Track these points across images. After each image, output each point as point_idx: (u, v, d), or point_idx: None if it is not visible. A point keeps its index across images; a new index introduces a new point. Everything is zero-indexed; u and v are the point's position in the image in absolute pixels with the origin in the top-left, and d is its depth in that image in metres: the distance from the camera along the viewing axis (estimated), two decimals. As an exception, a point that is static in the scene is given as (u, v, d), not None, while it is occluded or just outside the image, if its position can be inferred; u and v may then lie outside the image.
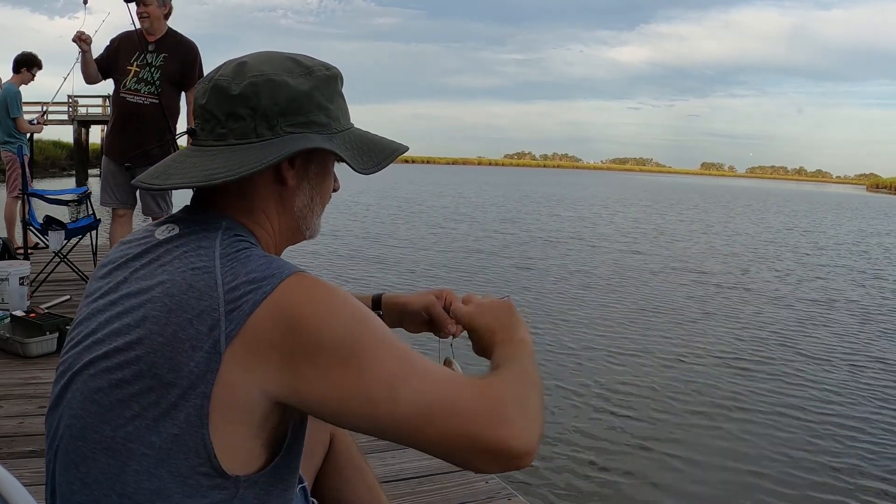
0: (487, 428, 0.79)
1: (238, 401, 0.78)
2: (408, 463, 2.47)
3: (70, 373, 0.86)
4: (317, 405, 0.80)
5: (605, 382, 5.21)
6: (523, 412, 0.82)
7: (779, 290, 9.58)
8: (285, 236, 0.96)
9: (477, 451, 0.79)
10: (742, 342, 6.63)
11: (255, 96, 0.87)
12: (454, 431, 0.79)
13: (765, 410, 4.79)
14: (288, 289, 0.80)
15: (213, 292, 0.79)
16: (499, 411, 0.80)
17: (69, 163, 30.75)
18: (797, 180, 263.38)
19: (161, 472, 0.78)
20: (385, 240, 12.73)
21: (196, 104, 0.93)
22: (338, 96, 0.95)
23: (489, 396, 0.82)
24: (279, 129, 0.88)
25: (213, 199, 0.93)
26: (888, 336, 7.22)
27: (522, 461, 0.81)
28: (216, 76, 0.90)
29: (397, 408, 0.79)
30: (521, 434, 0.80)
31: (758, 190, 70.16)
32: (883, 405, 5.03)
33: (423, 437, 0.80)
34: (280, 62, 0.91)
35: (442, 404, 0.80)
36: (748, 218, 24.35)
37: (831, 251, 14.87)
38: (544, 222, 18.04)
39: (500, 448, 0.79)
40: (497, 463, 0.80)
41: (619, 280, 9.69)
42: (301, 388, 0.79)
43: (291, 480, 0.90)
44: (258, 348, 0.78)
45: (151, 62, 4.04)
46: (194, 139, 0.92)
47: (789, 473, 3.85)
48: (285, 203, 0.94)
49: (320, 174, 0.96)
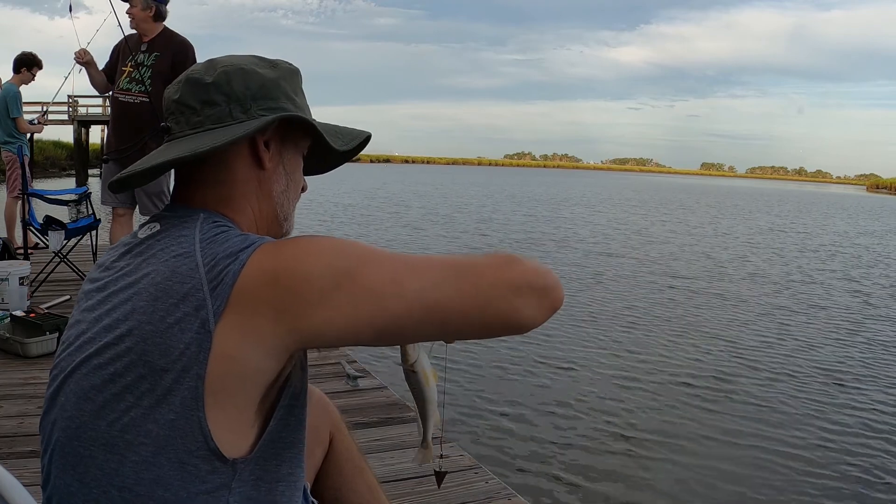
0: (499, 268, 0.81)
1: (239, 372, 0.79)
2: (408, 463, 2.47)
3: (63, 375, 0.86)
4: (327, 332, 0.80)
5: (604, 383, 5.21)
6: (528, 258, 0.84)
7: (743, 294, 9.56)
8: (266, 224, 0.98)
9: (500, 294, 0.79)
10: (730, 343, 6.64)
11: (228, 83, 0.92)
12: (469, 286, 0.80)
13: (767, 408, 4.80)
14: (263, 251, 0.81)
15: (195, 273, 0.80)
16: (503, 256, 0.83)
17: (69, 163, 30.74)
18: (797, 181, 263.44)
19: (160, 461, 0.79)
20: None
21: (168, 101, 0.95)
22: (300, 91, 1.00)
23: (489, 253, 0.85)
24: (253, 112, 0.92)
25: (194, 193, 0.94)
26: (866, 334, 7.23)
27: (553, 293, 0.82)
28: (188, 73, 0.95)
29: (406, 294, 0.79)
30: (534, 267, 0.82)
31: (755, 190, 69.97)
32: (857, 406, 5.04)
33: (444, 307, 0.80)
34: (247, 57, 0.97)
35: (448, 269, 0.81)
36: (733, 219, 23.97)
37: (809, 253, 14.62)
38: (521, 223, 17.58)
39: (520, 281, 0.80)
40: (527, 297, 0.80)
41: (582, 283, 9.34)
42: (303, 326, 0.79)
43: (284, 457, 0.88)
44: (251, 312, 0.78)
45: (143, 62, 4.10)
46: (168, 136, 0.95)
47: (790, 474, 3.86)
48: (264, 188, 0.96)
49: (293, 162, 0.99)
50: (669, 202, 33.81)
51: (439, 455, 1.09)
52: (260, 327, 0.78)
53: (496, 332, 0.83)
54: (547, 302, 0.82)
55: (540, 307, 0.82)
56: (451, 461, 2.53)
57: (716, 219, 23.62)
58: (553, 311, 0.83)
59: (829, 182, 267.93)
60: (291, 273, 0.79)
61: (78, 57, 4.17)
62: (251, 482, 0.83)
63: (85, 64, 4.19)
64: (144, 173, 0.92)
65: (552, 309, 0.83)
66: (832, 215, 29.80)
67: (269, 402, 0.84)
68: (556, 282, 0.83)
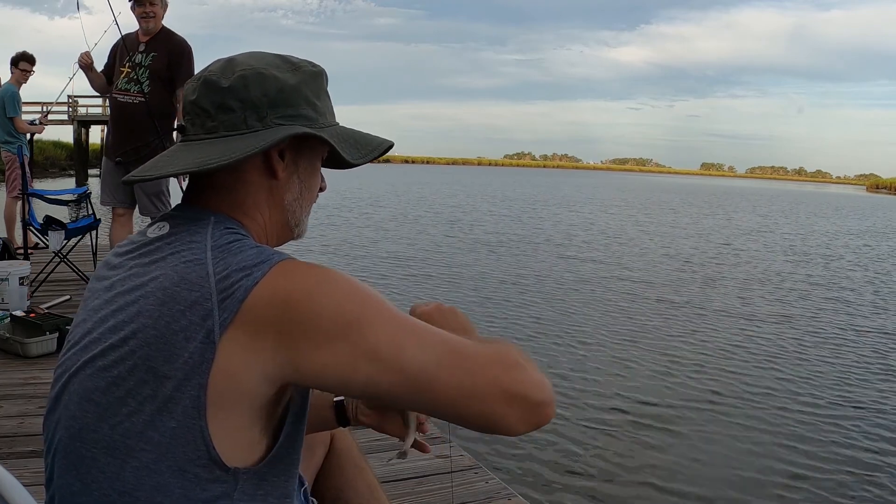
0: (501, 370, 0.78)
1: (238, 389, 0.78)
2: (408, 463, 2.47)
3: (67, 374, 0.86)
4: (321, 377, 0.79)
5: (604, 383, 5.21)
6: (531, 362, 0.82)
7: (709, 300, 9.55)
8: (276, 231, 0.97)
9: (493, 395, 0.77)
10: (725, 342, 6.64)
11: (245, 88, 0.89)
12: (468, 378, 0.77)
13: (766, 409, 4.80)
14: (279, 271, 0.80)
15: (205, 283, 0.79)
16: (509, 357, 0.80)
17: (69, 163, 30.74)
18: (797, 181, 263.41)
19: (161, 468, 0.78)
20: (308, 243, 11.01)
21: (186, 101, 0.94)
22: (324, 94, 0.96)
23: (495, 346, 0.82)
24: (268, 121, 0.90)
25: (204, 196, 0.93)
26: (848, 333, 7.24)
27: (544, 410, 0.79)
28: (205, 73, 0.92)
29: (405, 366, 0.77)
30: (535, 379, 0.79)
31: (752, 190, 69.69)
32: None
33: (436, 391, 0.78)
34: (268, 58, 0.93)
35: (451, 353, 0.79)
36: (717, 219, 23.49)
37: (786, 255, 14.31)
38: (494, 224, 16.93)
39: (517, 390, 0.78)
40: (517, 408, 0.78)
41: (540, 285, 9.16)
42: (302, 363, 0.78)
43: (291, 472, 0.89)
44: (255, 332, 0.77)
45: (141, 62, 4.12)
46: (184, 136, 0.93)
47: (791, 475, 3.86)
48: (275, 196, 0.94)
49: (309, 169, 0.97)
50: (660, 202, 33.64)
51: (411, 445, 1.10)
52: (261, 350, 0.77)
53: (471, 426, 0.81)
54: (534, 419, 0.79)
55: (526, 421, 0.79)
56: (451, 461, 2.53)
57: (697, 219, 23.29)
58: (537, 428, 0.81)
59: (829, 182, 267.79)
60: (302, 306, 0.78)
61: (81, 61, 4.19)
62: (253, 493, 0.83)
63: (85, 67, 4.21)
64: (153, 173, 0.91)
65: (536, 426, 0.81)
66: (820, 215, 29.58)
67: (274, 417, 0.84)
68: (551, 399, 0.80)
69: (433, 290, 8.41)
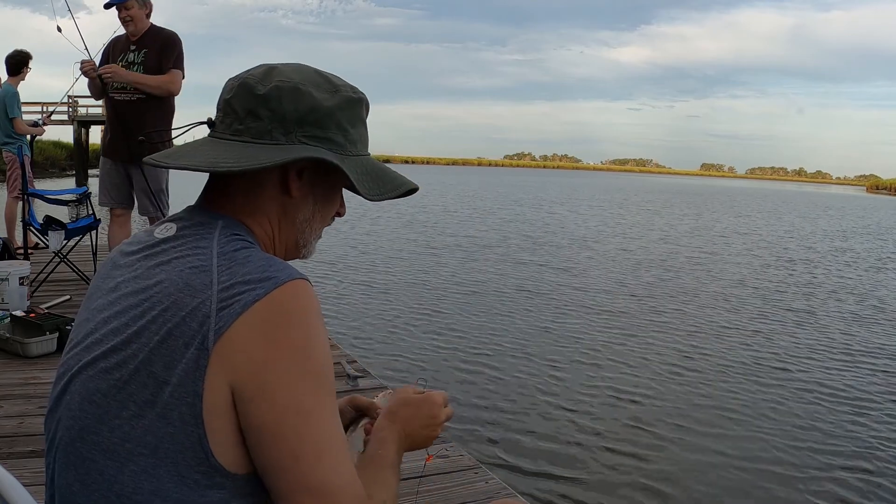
0: None
1: (227, 399, 0.79)
2: (408, 463, 2.46)
3: (69, 374, 0.86)
4: (250, 429, 0.80)
5: (604, 383, 5.22)
6: None
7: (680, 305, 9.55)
8: (283, 245, 0.96)
9: None
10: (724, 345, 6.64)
11: (278, 100, 0.88)
12: (310, 501, 0.80)
13: (767, 410, 4.80)
14: (279, 299, 0.80)
15: (208, 290, 0.80)
16: None
17: (69, 163, 30.75)
18: (797, 181, 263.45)
19: (159, 472, 0.78)
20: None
21: (221, 97, 0.93)
22: (359, 122, 0.95)
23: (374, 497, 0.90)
24: (293, 137, 0.88)
25: (218, 199, 0.93)
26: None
27: None
28: (246, 75, 0.92)
29: (312, 472, 0.79)
30: None
31: (749, 190, 69.41)
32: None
33: (291, 480, 0.80)
34: (309, 75, 0.92)
35: (328, 493, 0.80)
36: (705, 220, 23.15)
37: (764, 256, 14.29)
38: (462, 227, 16.16)
39: None
40: None
41: (582, 285, 9.36)
42: (250, 408, 0.79)
43: None
44: (236, 350, 0.78)
45: (134, 60, 4.15)
46: (212, 130, 0.93)
47: (791, 473, 3.86)
48: (288, 213, 0.94)
49: (327, 193, 0.96)
50: (651, 202, 33.54)
51: None
52: (235, 368, 0.78)
53: None
54: None
55: None
56: (451, 461, 2.53)
57: (680, 219, 22.98)
58: None
59: (829, 183, 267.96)
60: (278, 365, 0.79)
61: (84, 69, 4.16)
62: (251, 499, 0.83)
63: (86, 73, 4.19)
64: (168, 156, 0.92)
65: None
66: (815, 215, 29.46)
67: None
68: None
69: (433, 289, 8.44)
